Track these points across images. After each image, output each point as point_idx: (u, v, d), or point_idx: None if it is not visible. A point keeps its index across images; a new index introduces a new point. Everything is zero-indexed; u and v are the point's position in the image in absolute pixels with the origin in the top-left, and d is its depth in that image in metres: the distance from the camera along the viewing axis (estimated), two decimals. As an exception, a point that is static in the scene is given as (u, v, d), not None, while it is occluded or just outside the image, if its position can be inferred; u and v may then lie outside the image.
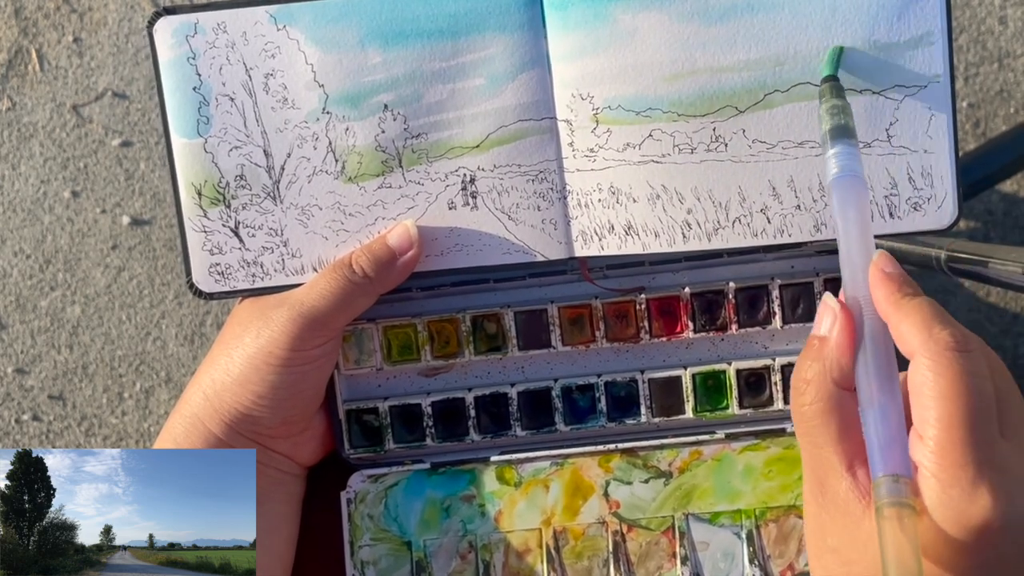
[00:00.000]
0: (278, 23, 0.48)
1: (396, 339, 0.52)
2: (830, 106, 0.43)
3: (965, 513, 0.34)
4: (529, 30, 0.48)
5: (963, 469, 0.34)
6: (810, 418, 0.38)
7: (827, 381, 0.38)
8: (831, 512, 0.38)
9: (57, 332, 1.11)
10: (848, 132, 0.42)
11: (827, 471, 0.38)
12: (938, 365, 0.35)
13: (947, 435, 0.34)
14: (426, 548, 0.52)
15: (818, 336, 0.39)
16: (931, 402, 0.35)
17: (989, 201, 1.00)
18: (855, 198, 0.40)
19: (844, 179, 0.40)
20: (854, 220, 0.40)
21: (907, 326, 0.36)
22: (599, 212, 0.49)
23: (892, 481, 0.34)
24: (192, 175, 0.49)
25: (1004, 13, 0.98)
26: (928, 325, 0.36)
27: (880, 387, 0.36)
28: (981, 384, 0.35)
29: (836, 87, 0.44)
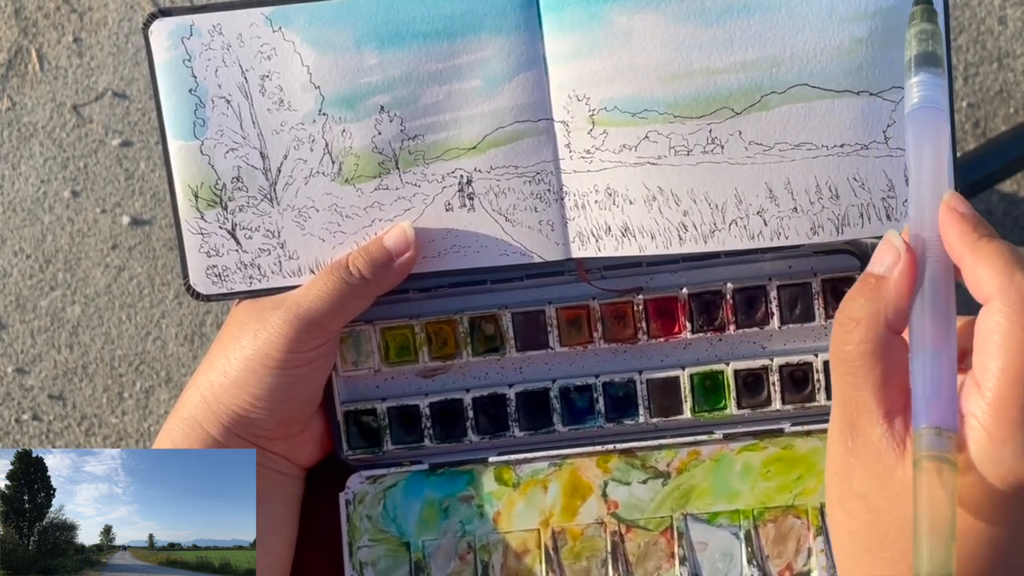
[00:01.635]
0: (274, 25, 0.48)
1: (394, 340, 0.52)
2: (919, 30, 0.40)
3: (1014, 472, 0.33)
4: (525, 31, 0.47)
5: (1019, 427, 0.32)
6: (855, 359, 0.36)
7: (879, 322, 0.36)
8: (861, 457, 0.36)
9: (57, 332, 1.11)
10: (936, 60, 0.39)
11: (862, 415, 0.36)
12: (1015, 314, 0.33)
13: (1009, 389, 0.32)
14: (425, 549, 0.52)
15: (875, 274, 0.36)
16: (999, 351, 0.33)
17: (989, 201, 1.00)
18: (933, 132, 0.38)
19: (923, 110, 0.38)
20: (929, 156, 0.37)
21: (985, 269, 0.34)
22: (596, 213, 0.49)
23: (935, 434, 0.33)
24: (189, 177, 0.49)
25: (1004, 13, 0.98)
26: (1011, 270, 0.34)
27: (936, 333, 0.35)
28: None
29: (929, 11, 0.40)
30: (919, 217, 0.37)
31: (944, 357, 0.34)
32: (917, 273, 0.36)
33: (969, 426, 0.34)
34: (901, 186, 0.47)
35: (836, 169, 0.47)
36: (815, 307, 0.51)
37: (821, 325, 0.51)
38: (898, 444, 0.35)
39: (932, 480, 0.32)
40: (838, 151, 0.47)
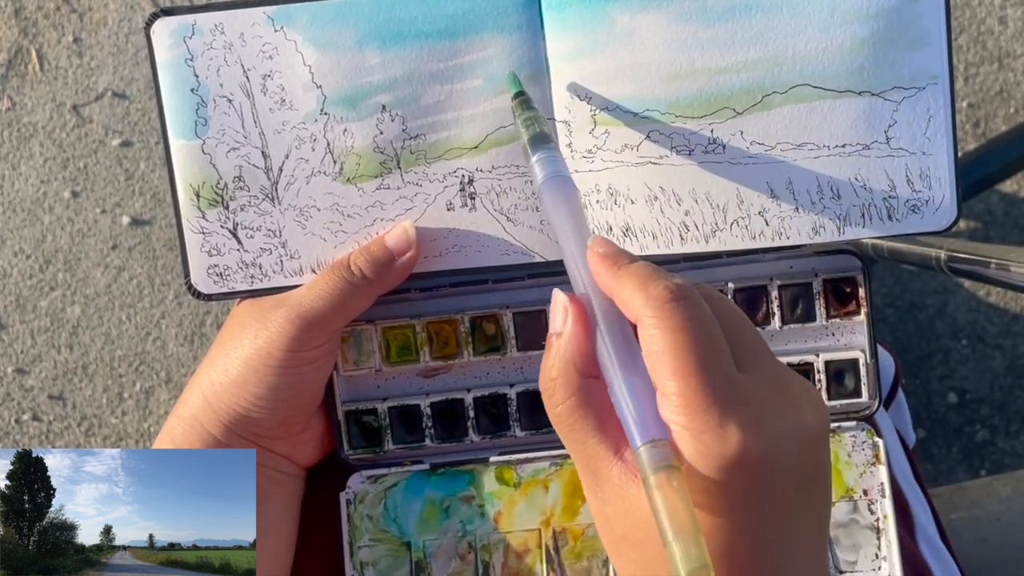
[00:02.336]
0: (276, 24, 0.48)
1: (395, 340, 0.52)
2: (524, 118, 0.45)
3: (722, 454, 0.34)
4: (527, 31, 0.47)
5: (708, 413, 0.34)
6: (567, 416, 0.37)
7: (572, 374, 0.37)
8: (611, 501, 0.37)
9: (57, 332, 1.11)
10: (546, 139, 0.43)
11: (597, 462, 0.37)
12: (659, 320, 0.34)
13: (685, 384, 0.34)
14: (425, 549, 0.52)
15: (555, 333, 0.38)
16: (662, 357, 0.34)
17: (989, 201, 1.00)
18: (563, 196, 0.41)
19: (550, 180, 0.41)
20: (565, 215, 0.40)
21: (627, 291, 0.36)
22: (597, 213, 0.49)
23: (651, 447, 0.34)
24: (190, 176, 0.49)
25: (1004, 13, 0.98)
26: (644, 284, 0.36)
27: (620, 361, 0.36)
28: (705, 326, 0.35)
29: (525, 100, 0.46)
30: (576, 271, 0.39)
31: (635, 378, 0.36)
32: (589, 319, 0.38)
33: (674, 433, 0.35)
34: (903, 186, 0.47)
35: (838, 169, 0.47)
36: (816, 307, 0.51)
37: (822, 325, 0.51)
38: (634, 474, 0.36)
39: (664, 492, 0.33)
40: (839, 151, 0.47)
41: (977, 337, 1.10)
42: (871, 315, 0.51)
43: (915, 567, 0.57)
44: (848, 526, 0.51)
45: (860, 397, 0.51)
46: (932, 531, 0.62)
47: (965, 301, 1.08)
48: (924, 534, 0.60)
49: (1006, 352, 1.10)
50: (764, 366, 0.36)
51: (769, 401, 0.35)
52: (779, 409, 0.35)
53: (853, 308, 0.51)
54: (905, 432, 0.70)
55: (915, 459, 0.66)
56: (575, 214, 0.40)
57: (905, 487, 0.61)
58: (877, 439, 0.51)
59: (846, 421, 0.51)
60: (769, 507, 0.35)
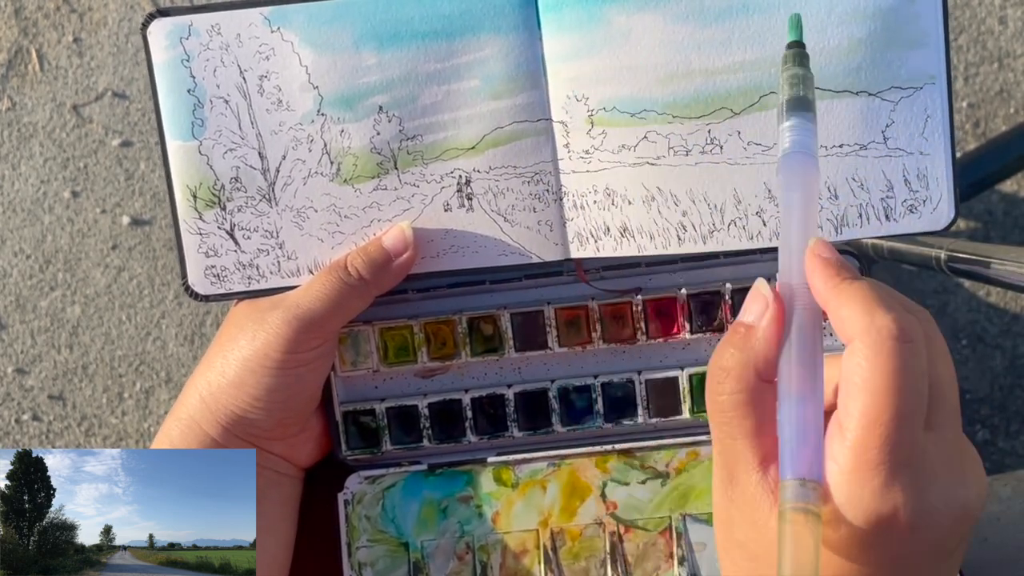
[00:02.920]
0: (272, 25, 0.48)
1: (392, 341, 0.52)
2: (790, 75, 0.40)
3: (875, 512, 0.33)
4: (524, 31, 0.47)
5: (878, 470, 0.33)
6: (727, 409, 0.36)
7: (749, 372, 0.36)
8: (740, 506, 0.36)
9: (57, 332, 1.11)
10: (806, 105, 0.39)
11: (739, 464, 0.36)
12: (875, 355, 0.33)
13: (869, 433, 0.33)
14: (423, 549, 0.52)
15: (744, 324, 0.37)
16: (859, 394, 0.33)
17: (989, 201, 1.00)
18: (801, 178, 0.38)
19: (794, 156, 0.38)
20: (797, 202, 0.37)
21: (848, 310, 0.34)
22: (595, 214, 0.49)
23: (799, 485, 0.33)
24: (187, 177, 0.49)
25: (1004, 13, 0.98)
26: (871, 309, 0.34)
27: (801, 381, 0.35)
28: (915, 382, 0.33)
29: (800, 54, 0.41)
30: (788, 264, 0.37)
31: (809, 404, 0.34)
32: (785, 321, 0.36)
33: (830, 471, 0.34)
34: (900, 186, 0.47)
35: (835, 169, 0.47)
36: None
37: (820, 325, 0.51)
38: (772, 492, 0.35)
39: (796, 530, 0.32)
40: (837, 151, 0.47)
41: (977, 337, 1.10)
42: (869, 315, 0.51)
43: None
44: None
45: (858, 397, 0.51)
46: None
47: (965, 301, 1.08)
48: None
49: (1006, 352, 1.10)
50: (949, 432, 0.35)
51: (940, 471, 0.34)
52: (946, 481, 0.34)
53: (851, 308, 0.51)
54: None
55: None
56: (807, 202, 0.37)
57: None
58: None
59: (844, 421, 0.51)
60: (902, 569, 0.34)
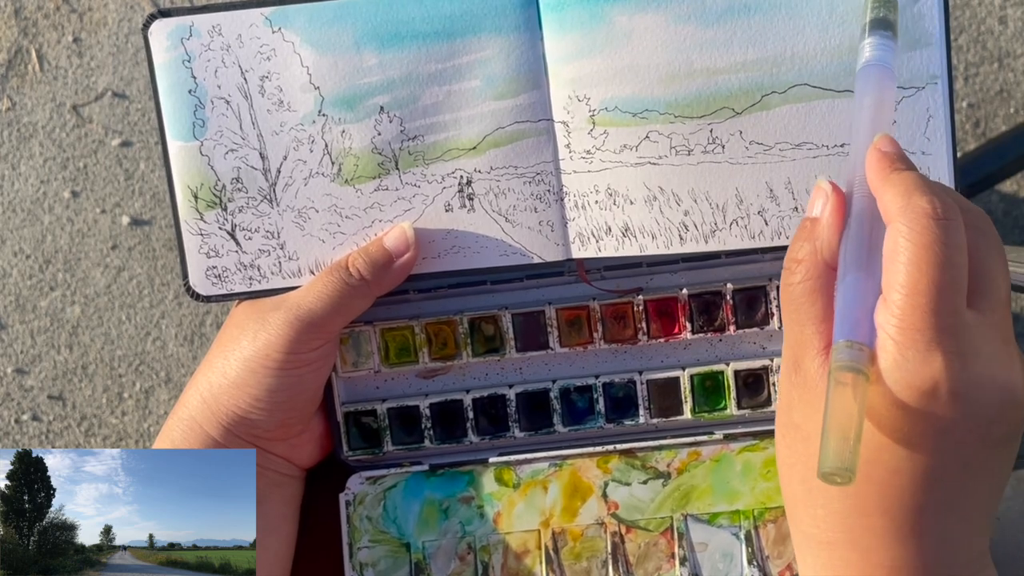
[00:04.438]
0: (273, 25, 0.48)
1: (394, 341, 0.52)
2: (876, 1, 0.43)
3: (918, 375, 0.34)
4: (525, 31, 0.47)
5: (920, 333, 0.34)
6: (797, 296, 0.38)
7: (817, 260, 0.38)
8: (800, 389, 0.38)
9: (57, 332, 1.11)
10: (887, 24, 0.42)
11: (804, 349, 0.38)
12: (911, 232, 0.35)
13: (910, 300, 0.34)
14: (425, 549, 0.52)
15: (810, 217, 0.39)
16: (900, 267, 0.35)
17: (989, 201, 1.00)
18: (875, 86, 0.40)
19: (871, 67, 0.41)
20: (868, 104, 0.40)
21: (889, 194, 0.36)
22: (596, 214, 0.49)
23: (847, 347, 0.35)
24: (188, 178, 0.49)
25: (1004, 13, 0.98)
26: (909, 191, 0.36)
27: (856, 259, 0.37)
28: (952, 254, 0.35)
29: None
30: (854, 158, 0.39)
31: (864, 280, 0.36)
32: (845, 210, 0.38)
33: (880, 339, 0.35)
34: (902, 186, 0.47)
35: (837, 169, 0.47)
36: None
37: (821, 325, 0.51)
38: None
39: (843, 392, 0.34)
40: (839, 151, 0.47)
41: (977, 336, 1.09)
42: (870, 315, 0.51)
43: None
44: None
45: (859, 397, 0.51)
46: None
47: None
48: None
49: (1007, 351, 1.10)
50: (994, 313, 0.36)
51: (984, 346, 0.35)
52: (991, 357, 0.35)
53: (852, 308, 0.51)
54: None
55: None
56: (879, 106, 0.40)
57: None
58: (877, 439, 0.51)
59: (845, 421, 0.51)
60: (947, 446, 0.35)
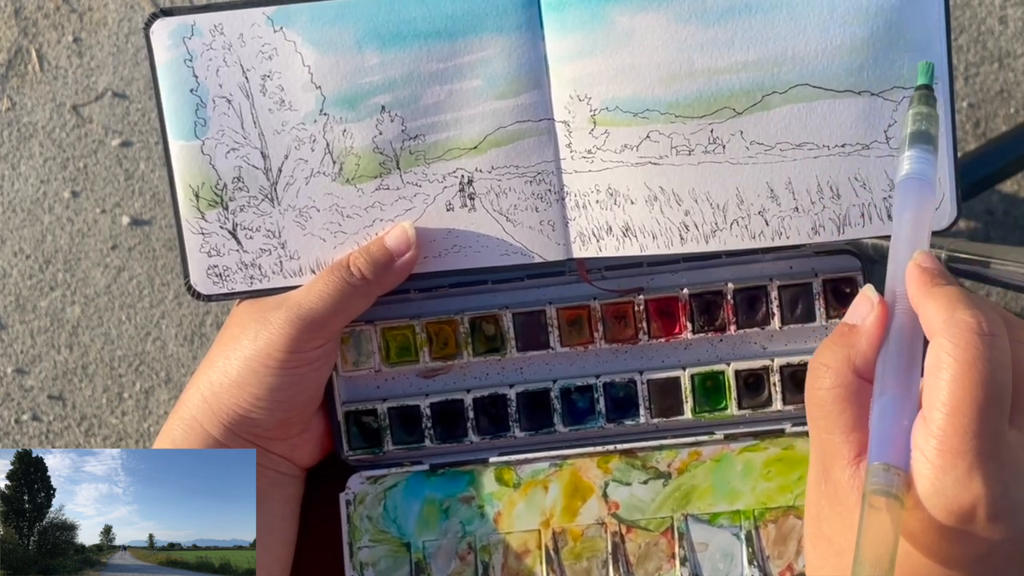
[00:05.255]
0: (275, 25, 0.48)
1: (394, 341, 0.52)
2: (916, 112, 0.43)
3: (956, 501, 0.33)
4: (527, 31, 0.47)
5: (961, 457, 0.33)
6: (826, 403, 0.37)
7: (848, 369, 0.37)
8: (830, 500, 0.37)
9: (57, 332, 1.11)
10: (928, 139, 0.42)
11: (834, 459, 0.37)
12: (955, 348, 0.34)
13: (951, 421, 0.33)
14: (425, 549, 0.52)
15: (849, 324, 0.38)
16: (943, 384, 0.34)
17: (989, 201, 1.00)
18: (916, 200, 0.40)
19: (911, 180, 0.41)
20: (908, 219, 0.40)
21: (932, 308, 0.36)
22: (597, 213, 0.49)
23: (883, 469, 0.34)
24: (189, 177, 0.49)
25: (1004, 13, 0.98)
26: (952, 306, 0.35)
27: (895, 377, 0.36)
28: (997, 372, 0.34)
29: (926, 95, 0.43)
30: (894, 273, 0.39)
31: (902, 400, 0.35)
32: (886, 325, 0.38)
33: (916, 460, 0.34)
34: (902, 186, 0.47)
35: (837, 169, 0.47)
36: (816, 307, 0.51)
37: (822, 325, 0.51)
38: (862, 487, 0.36)
39: (876, 515, 0.33)
40: (839, 151, 0.47)
41: (977, 337, 1.09)
42: (871, 315, 0.51)
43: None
44: (848, 526, 0.51)
45: (860, 397, 0.51)
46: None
47: None
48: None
49: (1006, 352, 1.10)
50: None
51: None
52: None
53: (853, 308, 0.51)
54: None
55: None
56: (919, 221, 0.40)
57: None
58: (877, 439, 0.51)
59: (846, 421, 0.51)
60: (985, 570, 0.35)
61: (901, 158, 0.42)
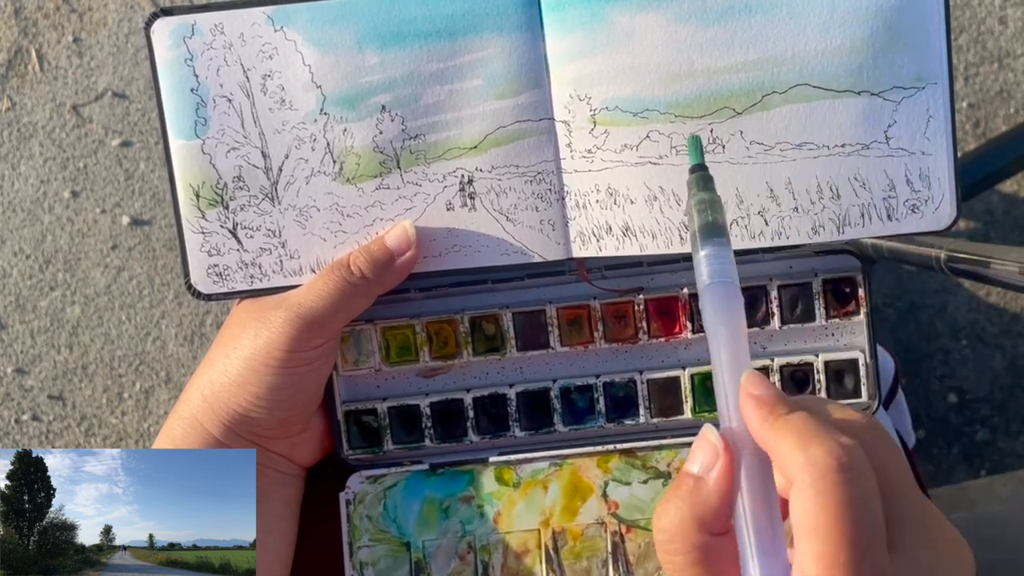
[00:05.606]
0: (276, 24, 0.48)
1: (394, 340, 0.52)
2: (698, 200, 0.39)
3: None
4: (527, 31, 0.47)
5: None
6: (683, 569, 0.34)
7: (695, 530, 0.33)
8: None
9: (57, 332, 1.11)
10: (719, 231, 0.38)
11: None
12: (817, 493, 0.31)
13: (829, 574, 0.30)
14: (425, 549, 0.52)
15: (692, 475, 0.34)
16: (812, 536, 0.31)
17: (989, 201, 1.00)
18: (725, 310, 0.36)
19: (715, 287, 0.36)
20: (724, 336, 0.35)
21: (784, 448, 0.32)
22: (597, 213, 0.49)
23: None
24: (190, 176, 0.49)
25: (1004, 13, 0.98)
26: (804, 444, 0.31)
27: (759, 534, 0.33)
28: (867, 508, 0.31)
29: (704, 177, 0.39)
30: (726, 406, 0.35)
31: (770, 557, 0.32)
32: (735, 473, 0.34)
33: None
34: (902, 186, 0.47)
35: (837, 169, 0.47)
36: (816, 307, 0.51)
37: (822, 325, 0.51)
38: None
39: None
40: (839, 151, 0.47)
41: (977, 337, 1.10)
42: (871, 315, 0.51)
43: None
44: (848, 526, 0.51)
45: (860, 397, 0.51)
46: (933, 531, 0.61)
47: (965, 301, 1.08)
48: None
49: (1006, 352, 1.10)
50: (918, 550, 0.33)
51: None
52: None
53: (852, 308, 0.51)
54: (905, 433, 0.70)
55: (915, 460, 0.65)
56: (735, 336, 0.35)
57: (905, 487, 0.61)
58: (877, 439, 0.51)
59: (846, 421, 0.51)
60: None
61: (697, 259, 0.37)
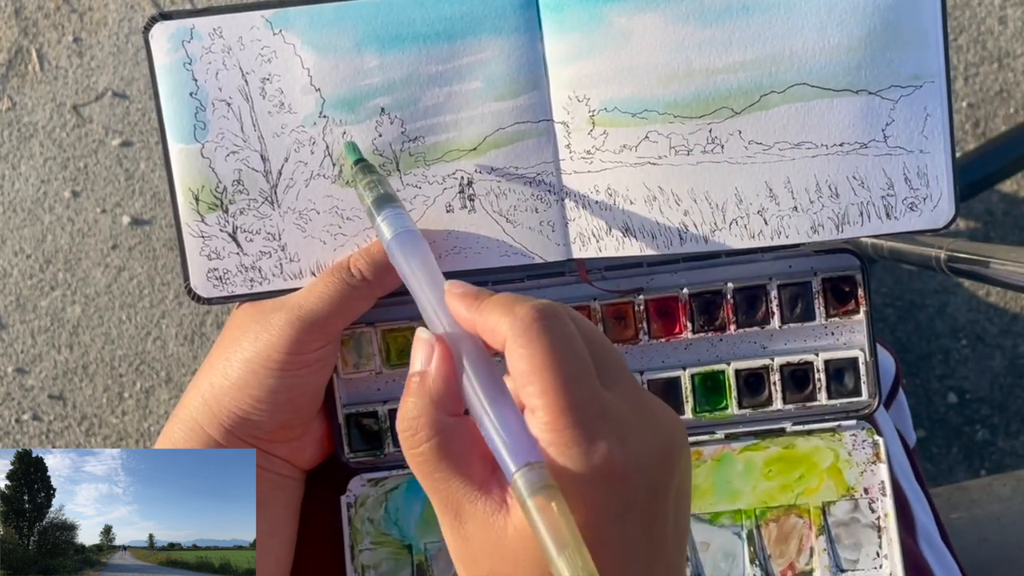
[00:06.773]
0: (274, 28, 0.48)
1: (395, 342, 0.52)
2: (366, 182, 0.45)
3: (588, 467, 0.34)
4: (525, 33, 0.47)
5: (575, 428, 0.34)
6: (430, 455, 0.36)
7: (437, 412, 0.37)
8: (475, 538, 0.36)
9: (57, 332, 1.11)
10: (390, 199, 0.44)
11: (460, 500, 0.36)
12: (526, 339, 0.35)
13: (552, 402, 0.34)
14: (427, 551, 0.52)
15: (417, 372, 0.38)
16: (530, 376, 0.34)
17: (989, 201, 1.00)
18: (414, 249, 0.42)
19: (400, 236, 0.42)
20: (418, 266, 0.41)
21: (492, 318, 0.36)
22: (596, 214, 0.49)
23: (527, 471, 0.34)
24: (189, 180, 0.49)
25: (1004, 13, 0.98)
26: (509, 308, 0.36)
27: (487, 392, 0.36)
28: (572, 343, 0.35)
29: (367, 166, 0.47)
30: (435, 315, 0.39)
31: (505, 410, 0.36)
32: (453, 356, 0.38)
33: (543, 451, 0.35)
34: (901, 184, 0.48)
35: (835, 168, 0.47)
36: (816, 306, 0.51)
37: (822, 324, 0.51)
38: (500, 505, 0.36)
39: (543, 511, 0.33)
40: (837, 150, 0.47)
41: (977, 337, 1.10)
42: (870, 314, 0.51)
43: (916, 566, 0.57)
44: (849, 524, 0.51)
45: (860, 396, 0.51)
46: (933, 530, 0.62)
47: (965, 301, 1.08)
48: (925, 533, 0.60)
49: (1006, 352, 1.10)
50: (626, 386, 0.37)
51: (632, 419, 0.35)
52: (642, 426, 0.35)
53: (852, 307, 0.51)
54: (905, 432, 0.70)
55: (915, 459, 0.66)
56: (428, 263, 0.41)
57: (905, 486, 0.61)
58: (877, 437, 0.51)
59: (846, 420, 0.51)
60: (631, 518, 0.35)
61: (378, 223, 0.44)
